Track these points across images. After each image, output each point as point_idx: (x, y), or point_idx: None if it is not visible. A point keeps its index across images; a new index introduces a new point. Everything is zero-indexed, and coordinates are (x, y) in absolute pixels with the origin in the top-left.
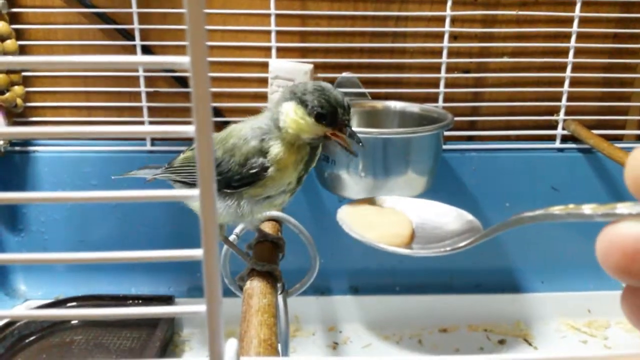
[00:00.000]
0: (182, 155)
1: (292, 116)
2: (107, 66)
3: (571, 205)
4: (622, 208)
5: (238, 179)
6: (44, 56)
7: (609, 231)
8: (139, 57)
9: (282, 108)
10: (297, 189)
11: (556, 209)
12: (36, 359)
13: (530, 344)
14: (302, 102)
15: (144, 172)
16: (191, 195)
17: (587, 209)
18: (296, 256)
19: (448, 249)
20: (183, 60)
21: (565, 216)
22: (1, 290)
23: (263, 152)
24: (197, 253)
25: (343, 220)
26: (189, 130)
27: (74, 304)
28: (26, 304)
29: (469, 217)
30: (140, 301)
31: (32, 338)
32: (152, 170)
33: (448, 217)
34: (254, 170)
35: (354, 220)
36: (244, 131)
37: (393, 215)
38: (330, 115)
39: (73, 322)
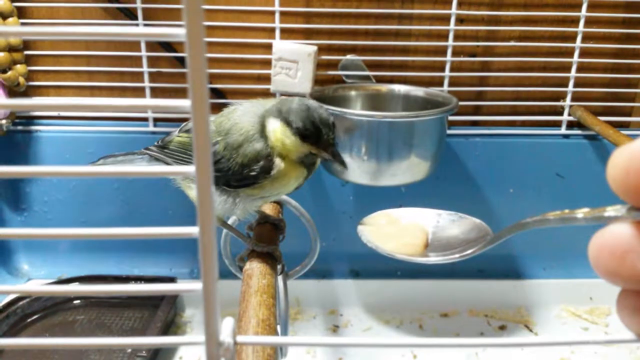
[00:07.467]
0: (177, 138)
1: (279, 135)
2: (103, 37)
3: (566, 211)
4: (610, 211)
5: (238, 179)
6: (41, 26)
7: (599, 235)
8: (135, 29)
9: (269, 124)
10: (297, 189)
11: (552, 215)
12: (39, 337)
13: (531, 330)
14: (287, 122)
15: (111, 160)
16: (187, 172)
17: (580, 213)
18: (297, 239)
19: (457, 256)
20: (179, 31)
21: (560, 221)
22: (4, 269)
23: (267, 156)
24: (193, 230)
25: (362, 232)
26: (184, 104)
27: (76, 283)
28: (29, 283)
29: (482, 224)
30: (142, 282)
31: (34, 317)
32: (115, 158)
33: (461, 225)
34: (254, 173)
35: (373, 232)
36: (245, 126)
37: (409, 226)
38: (314, 135)
39: (75, 301)
